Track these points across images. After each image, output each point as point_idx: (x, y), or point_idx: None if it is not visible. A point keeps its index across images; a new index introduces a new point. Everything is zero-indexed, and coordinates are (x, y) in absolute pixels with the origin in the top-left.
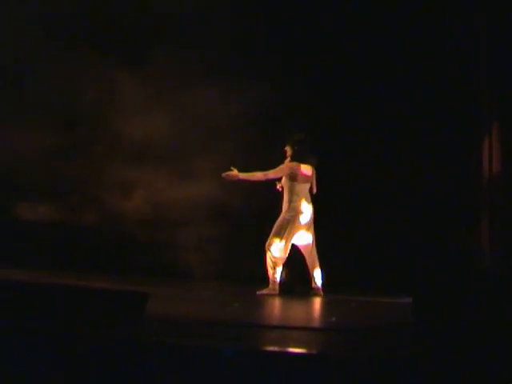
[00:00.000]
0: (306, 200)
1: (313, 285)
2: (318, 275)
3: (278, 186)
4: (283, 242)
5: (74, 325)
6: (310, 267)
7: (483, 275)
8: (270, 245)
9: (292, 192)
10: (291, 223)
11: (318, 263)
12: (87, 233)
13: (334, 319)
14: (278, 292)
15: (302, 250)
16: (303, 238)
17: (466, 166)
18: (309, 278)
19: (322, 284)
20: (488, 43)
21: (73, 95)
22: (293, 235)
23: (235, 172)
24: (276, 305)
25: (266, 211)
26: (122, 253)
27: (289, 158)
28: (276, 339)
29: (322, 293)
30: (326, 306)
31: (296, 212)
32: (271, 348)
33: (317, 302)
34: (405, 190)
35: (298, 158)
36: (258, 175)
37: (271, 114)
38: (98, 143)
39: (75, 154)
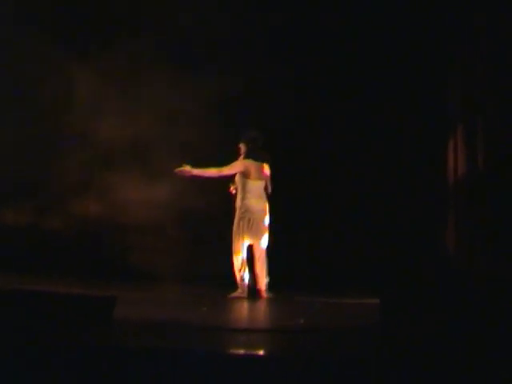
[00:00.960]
0: (259, 197)
1: (257, 286)
2: (263, 277)
3: (231, 189)
4: (241, 241)
5: (42, 331)
6: (256, 268)
7: (449, 275)
8: (234, 247)
9: (245, 189)
10: (244, 220)
11: (265, 266)
12: (51, 236)
13: (302, 321)
14: (246, 294)
15: (255, 250)
16: (256, 239)
17: (431, 167)
18: (254, 278)
19: (268, 286)
20: (454, 44)
21: (33, 90)
22: (249, 233)
23: (188, 168)
24: (243, 308)
25: (233, 211)
26: (86, 256)
27: (242, 155)
28: (243, 342)
29: (264, 295)
30: (293, 307)
31: (247, 208)
32: (239, 351)
33: (284, 304)
34: (371, 190)
35: (252, 155)
36: (211, 171)
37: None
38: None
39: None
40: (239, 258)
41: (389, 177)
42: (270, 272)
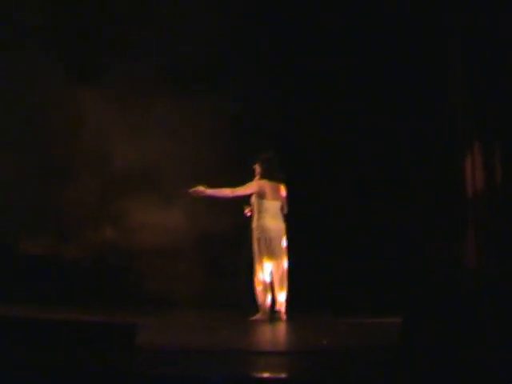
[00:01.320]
0: (275, 218)
1: (276, 307)
2: (282, 298)
3: (246, 211)
4: (261, 262)
5: (64, 359)
6: (276, 289)
7: (472, 292)
8: (256, 269)
9: (260, 209)
10: (262, 241)
11: (285, 286)
12: (67, 264)
13: (325, 342)
14: (268, 317)
15: (273, 271)
16: (275, 259)
17: (450, 182)
18: (273, 299)
19: (287, 307)
20: (466, 61)
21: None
22: (268, 254)
23: (202, 188)
24: (264, 330)
25: (250, 234)
26: (104, 284)
27: (258, 176)
28: (267, 365)
29: (284, 316)
30: (314, 329)
31: (264, 228)
32: (263, 374)
33: (306, 325)
34: (391, 207)
35: (267, 175)
36: (225, 191)
37: (243, 131)
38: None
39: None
40: (261, 280)
41: (406, 194)
42: (290, 292)
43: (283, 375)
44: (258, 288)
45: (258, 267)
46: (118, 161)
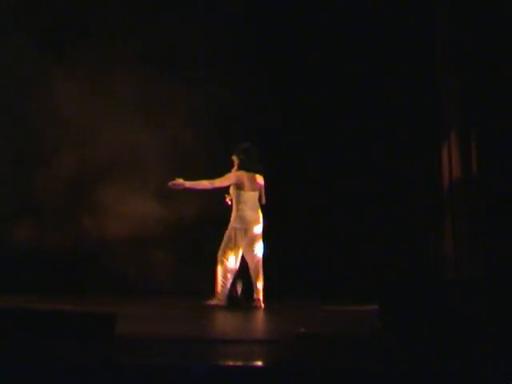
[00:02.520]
0: (254, 209)
1: (254, 296)
2: (260, 286)
3: (227, 199)
4: (233, 252)
5: (44, 350)
6: (253, 278)
7: (447, 280)
8: (221, 256)
9: (239, 201)
10: (239, 233)
11: (261, 274)
12: (45, 254)
13: (302, 329)
14: (225, 303)
15: (248, 260)
16: (250, 249)
17: (426, 173)
18: (251, 288)
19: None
20: (449, 48)
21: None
22: (242, 245)
23: (181, 181)
24: (241, 319)
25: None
26: (82, 272)
27: (236, 167)
28: (245, 354)
29: (262, 304)
30: (293, 316)
31: (243, 221)
32: (242, 363)
33: (283, 313)
34: (367, 197)
35: (245, 166)
36: (204, 183)
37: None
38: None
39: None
40: (227, 266)
41: (384, 184)
42: (267, 280)
43: (262, 364)
44: (222, 273)
45: (227, 253)
46: (107, 150)
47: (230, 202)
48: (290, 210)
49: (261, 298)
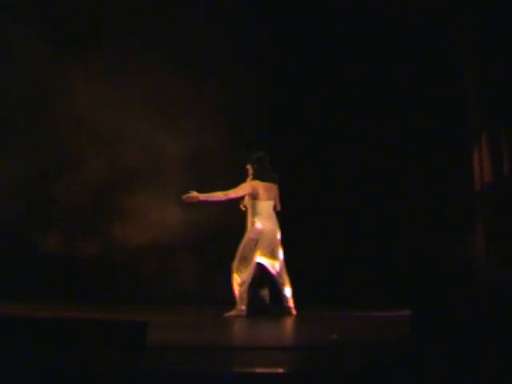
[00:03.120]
0: (270, 218)
1: (284, 304)
2: (288, 293)
3: (241, 206)
4: (248, 262)
5: (76, 358)
6: (280, 286)
7: (479, 284)
8: (236, 266)
9: (254, 211)
10: (255, 243)
11: (288, 281)
12: (76, 262)
13: (335, 336)
14: (245, 313)
15: (270, 269)
16: (270, 258)
17: (457, 175)
18: (280, 296)
19: (295, 301)
20: (475, 53)
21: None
22: (258, 255)
23: (195, 194)
24: (272, 326)
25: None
26: (111, 281)
27: (250, 177)
28: (278, 361)
29: (294, 311)
30: (325, 323)
31: (259, 231)
32: (274, 370)
33: (314, 320)
34: (398, 200)
35: (259, 175)
36: (218, 195)
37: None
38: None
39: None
40: (244, 275)
41: (415, 187)
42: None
43: (293, 371)
44: (239, 282)
45: (244, 262)
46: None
47: (243, 209)
48: (315, 214)
49: (291, 305)
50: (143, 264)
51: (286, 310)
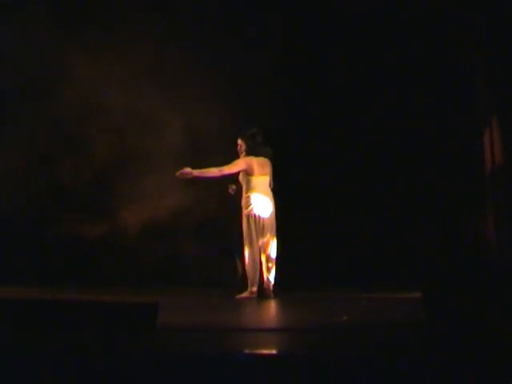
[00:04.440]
0: (264, 193)
1: (264, 285)
2: (271, 277)
3: (229, 190)
4: (250, 239)
5: (86, 340)
6: (265, 268)
7: (490, 266)
8: (242, 247)
9: (248, 186)
10: (252, 219)
11: (274, 264)
12: (91, 245)
13: (345, 318)
14: (256, 294)
15: (262, 248)
16: (263, 236)
17: (468, 157)
18: (261, 277)
19: (275, 284)
20: (485, 35)
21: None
22: (257, 230)
23: (189, 169)
24: (283, 308)
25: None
26: (119, 264)
27: (244, 153)
28: (291, 342)
29: (272, 294)
30: (335, 304)
31: (253, 205)
32: (288, 351)
33: (325, 301)
34: (408, 183)
35: (253, 151)
36: (212, 171)
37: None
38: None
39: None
40: (251, 256)
41: (425, 169)
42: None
43: (304, 352)
44: (249, 265)
45: (247, 244)
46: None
47: (232, 193)
48: (330, 193)
49: (271, 288)
50: (148, 246)
51: (265, 293)
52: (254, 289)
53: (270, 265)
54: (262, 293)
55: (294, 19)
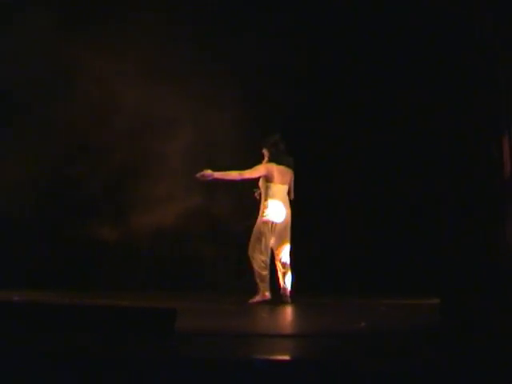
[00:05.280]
0: (284, 202)
1: (281, 292)
2: (288, 283)
3: (255, 194)
4: (263, 246)
5: (105, 345)
6: (281, 274)
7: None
8: (252, 252)
9: (268, 193)
10: (267, 227)
11: (289, 270)
12: (98, 249)
13: (363, 324)
14: (269, 298)
15: (277, 255)
16: (279, 243)
17: (487, 163)
18: (278, 283)
19: (292, 289)
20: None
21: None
22: (272, 238)
23: (209, 172)
24: (300, 313)
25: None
26: (134, 269)
27: (266, 159)
28: (309, 348)
29: (289, 301)
30: (353, 311)
31: (269, 212)
32: (302, 357)
33: (343, 307)
34: (425, 188)
35: (275, 159)
36: (233, 174)
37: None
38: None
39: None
40: (261, 261)
41: (443, 175)
42: (324, 275)
43: (319, 358)
44: (260, 270)
45: (258, 250)
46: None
47: (258, 197)
48: (349, 198)
49: (288, 294)
50: (162, 251)
51: (282, 299)
52: (267, 293)
53: (284, 270)
54: (280, 298)
55: (313, 18)
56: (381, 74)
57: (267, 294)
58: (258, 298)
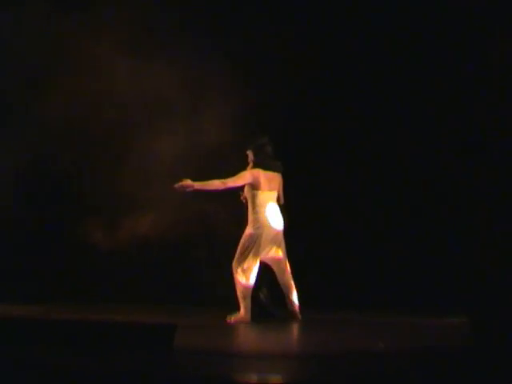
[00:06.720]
0: (272, 211)
1: (289, 308)
2: (294, 297)
3: (241, 197)
4: (249, 262)
5: (103, 360)
6: (283, 287)
7: None
8: (237, 265)
9: (255, 202)
10: (257, 238)
11: (292, 283)
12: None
13: (381, 345)
14: (249, 320)
15: (274, 268)
16: (273, 255)
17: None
18: (285, 300)
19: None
20: None
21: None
22: (261, 252)
23: (189, 182)
24: (309, 331)
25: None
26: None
27: (251, 164)
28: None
29: (299, 316)
30: (371, 329)
31: (261, 224)
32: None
33: (355, 326)
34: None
35: (261, 163)
36: (215, 183)
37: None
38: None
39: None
40: (244, 278)
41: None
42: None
43: (335, 379)
44: (242, 287)
45: (243, 264)
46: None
47: (244, 200)
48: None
49: (297, 309)
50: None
51: (292, 316)
52: (248, 315)
53: (288, 286)
54: (289, 314)
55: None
56: (371, 75)
57: (248, 317)
58: (237, 318)
